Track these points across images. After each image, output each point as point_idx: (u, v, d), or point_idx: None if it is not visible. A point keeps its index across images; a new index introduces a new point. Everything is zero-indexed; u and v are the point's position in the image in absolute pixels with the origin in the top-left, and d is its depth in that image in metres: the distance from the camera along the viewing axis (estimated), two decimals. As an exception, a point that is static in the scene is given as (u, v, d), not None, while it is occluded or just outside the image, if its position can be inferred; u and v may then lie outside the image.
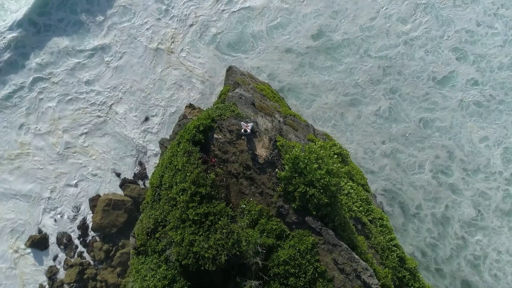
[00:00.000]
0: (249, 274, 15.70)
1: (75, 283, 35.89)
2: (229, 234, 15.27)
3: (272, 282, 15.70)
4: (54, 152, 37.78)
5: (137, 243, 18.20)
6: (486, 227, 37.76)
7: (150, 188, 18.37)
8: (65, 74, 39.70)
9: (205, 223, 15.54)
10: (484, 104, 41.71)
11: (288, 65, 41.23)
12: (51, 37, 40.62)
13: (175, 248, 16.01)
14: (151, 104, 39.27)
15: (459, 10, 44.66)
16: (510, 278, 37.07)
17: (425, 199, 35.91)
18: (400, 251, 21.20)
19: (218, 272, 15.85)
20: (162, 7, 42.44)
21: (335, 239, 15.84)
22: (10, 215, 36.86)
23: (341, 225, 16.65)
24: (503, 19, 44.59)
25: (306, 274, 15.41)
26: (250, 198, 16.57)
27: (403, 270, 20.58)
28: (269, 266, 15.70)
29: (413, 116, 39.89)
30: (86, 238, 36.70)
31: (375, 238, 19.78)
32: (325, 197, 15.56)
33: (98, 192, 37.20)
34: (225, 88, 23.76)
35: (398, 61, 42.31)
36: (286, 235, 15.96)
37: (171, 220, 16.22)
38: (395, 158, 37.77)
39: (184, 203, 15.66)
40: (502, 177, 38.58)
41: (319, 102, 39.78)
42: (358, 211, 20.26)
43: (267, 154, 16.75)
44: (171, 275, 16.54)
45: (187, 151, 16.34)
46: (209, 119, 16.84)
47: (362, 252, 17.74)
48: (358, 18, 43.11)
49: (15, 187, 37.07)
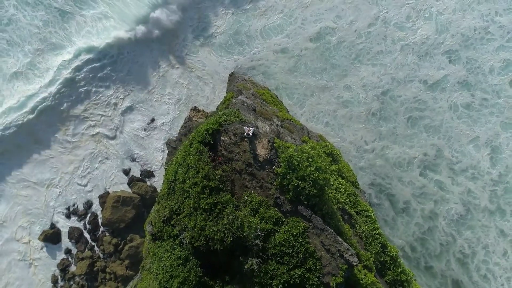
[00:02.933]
0: (251, 254, 19.45)
1: (85, 275, 39.67)
2: (234, 220, 19.06)
3: (270, 261, 19.45)
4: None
5: (154, 230, 22.03)
6: (473, 226, 41.43)
7: (166, 182, 22.20)
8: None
9: (214, 211, 19.36)
10: (474, 106, 45.51)
11: (284, 65, 45.13)
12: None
13: (188, 232, 19.84)
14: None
15: (457, 15, 48.40)
16: (499, 281, 40.47)
17: (413, 194, 39.82)
18: (382, 239, 24.99)
19: (224, 253, 19.63)
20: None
21: (323, 225, 19.66)
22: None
23: (328, 213, 20.50)
24: (497, 25, 48.36)
25: (298, 254, 19.18)
26: (251, 190, 20.38)
27: (385, 256, 24.37)
28: (267, 247, 19.46)
29: (403, 116, 43.77)
30: (96, 232, 40.34)
31: (360, 227, 23.59)
32: (314, 190, 19.39)
33: (107, 189, 41.14)
34: (229, 95, 27.52)
35: (392, 65, 46.23)
36: (281, 222, 19.75)
37: (185, 209, 20.04)
38: (384, 156, 41.68)
39: (196, 194, 19.47)
40: (489, 177, 42.31)
41: (312, 102, 43.64)
42: (345, 203, 24.10)
43: (266, 153, 20.57)
44: (184, 256, 20.34)
45: (198, 151, 20.18)
46: (217, 123, 20.70)
47: (347, 238, 21.56)
48: (357, 23, 47.03)
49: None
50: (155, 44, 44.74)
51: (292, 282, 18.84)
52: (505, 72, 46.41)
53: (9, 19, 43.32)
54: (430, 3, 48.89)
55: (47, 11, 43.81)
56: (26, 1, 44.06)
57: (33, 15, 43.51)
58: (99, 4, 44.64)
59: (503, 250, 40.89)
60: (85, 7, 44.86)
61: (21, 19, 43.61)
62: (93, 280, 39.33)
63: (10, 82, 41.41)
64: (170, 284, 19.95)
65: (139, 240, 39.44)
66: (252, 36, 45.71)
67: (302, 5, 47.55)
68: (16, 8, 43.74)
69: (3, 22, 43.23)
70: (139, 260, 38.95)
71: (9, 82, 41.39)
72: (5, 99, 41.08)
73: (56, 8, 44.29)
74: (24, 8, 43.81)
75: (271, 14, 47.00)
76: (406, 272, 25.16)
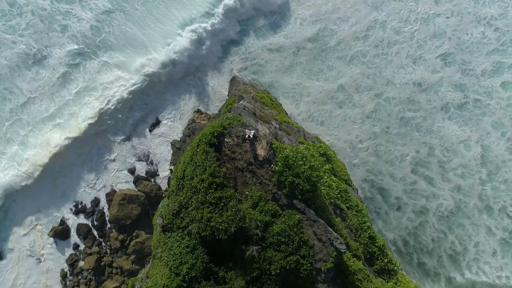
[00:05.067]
0: (251, 243, 22.64)
1: (93, 270, 42.66)
2: (237, 212, 22.27)
3: (268, 249, 22.63)
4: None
5: (164, 222, 25.24)
6: (463, 224, 44.64)
7: (175, 179, 25.39)
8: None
9: (219, 204, 22.57)
10: (466, 106, 48.66)
11: (280, 65, 48.54)
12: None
13: (196, 223, 23.05)
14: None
15: (454, 19, 51.63)
16: (491, 277, 43.46)
17: (405, 190, 43.26)
18: (371, 231, 28.16)
19: (228, 241, 22.83)
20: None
21: (315, 217, 22.88)
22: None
23: (320, 207, 23.71)
24: (492, 28, 51.48)
25: (293, 242, 22.35)
26: (252, 186, 23.57)
27: (373, 247, 27.55)
28: (266, 236, 22.64)
29: (396, 116, 47.17)
30: (103, 229, 43.39)
31: (350, 220, 26.78)
32: (307, 185, 22.60)
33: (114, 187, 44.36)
34: (231, 99, 30.71)
35: (387, 68, 49.49)
36: (279, 214, 22.94)
37: (193, 203, 23.25)
38: (378, 153, 45.16)
39: (203, 189, 22.68)
40: (478, 176, 45.57)
41: (308, 102, 47.06)
42: (337, 199, 27.29)
43: (265, 154, 23.77)
44: (192, 245, 23.53)
45: (205, 151, 23.40)
46: (222, 127, 23.92)
47: (338, 229, 24.78)
48: (357, 25, 50.43)
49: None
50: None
51: (288, 268, 22.03)
52: (497, 75, 49.56)
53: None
54: (429, 7, 52.09)
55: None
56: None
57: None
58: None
59: (493, 249, 44.06)
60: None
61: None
62: (101, 274, 42.29)
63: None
64: (180, 269, 23.14)
65: (145, 236, 42.57)
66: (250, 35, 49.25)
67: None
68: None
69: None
70: (145, 255, 42.19)
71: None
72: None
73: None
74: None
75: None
76: (393, 262, 28.35)
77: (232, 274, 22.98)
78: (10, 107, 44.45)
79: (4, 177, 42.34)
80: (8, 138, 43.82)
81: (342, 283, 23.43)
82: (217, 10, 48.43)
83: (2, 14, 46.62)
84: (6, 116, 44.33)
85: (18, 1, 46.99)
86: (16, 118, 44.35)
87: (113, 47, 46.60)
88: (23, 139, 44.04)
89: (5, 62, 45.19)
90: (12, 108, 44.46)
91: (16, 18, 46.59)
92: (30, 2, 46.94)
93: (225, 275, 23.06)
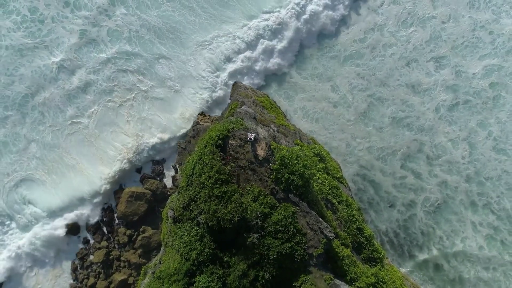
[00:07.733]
0: (252, 231, 26.95)
1: (102, 263, 46.55)
2: (240, 204, 26.61)
3: (267, 236, 26.91)
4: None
5: (175, 214, 29.60)
6: (450, 220, 49.12)
7: (184, 176, 29.75)
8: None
9: (224, 197, 26.91)
10: (456, 107, 53.10)
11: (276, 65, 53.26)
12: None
13: (204, 215, 27.41)
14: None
15: (451, 23, 56.15)
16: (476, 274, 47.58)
17: (394, 184, 48.05)
18: (359, 223, 32.54)
19: (232, 230, 27.17)
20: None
21: (308, 209, 27.25)
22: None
23: (313, 201, 28.10)
24: (487, 31, 55.87)
25: (289, 231, 26.60)
26: (253, 182, 27.91)
27: (360, 237, 31.93)
28: (265, 226, 26.93)
29: (389, 116, 51.76)
30: (112, 224, 47.47)
31: (340, 213, 31.17)
32: (301, 182, 26.97)
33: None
34: (234, 104, 35.06)
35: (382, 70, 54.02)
36: (276, 206, 27.24)
37: (201, 197, 27.61)
38: (371, 150, 49.87)
39: (210, 185, 27.03)
40: (465, 173, 49.98)
41: (306, 101, 51.77)
42: (328, 194, 31.69)
43: (264, 154, 28.16)
44: (200, 233, 27.84)
45: (212, 151, 27.79)
46: (226, 130, 28.32)
47: (328, 221, 29.17)
48: (356, 27, 55.25)
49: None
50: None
51: (284, 253, 26.29)
52: (487, 75, 53.91)
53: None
54: (427, 10, 56.54)
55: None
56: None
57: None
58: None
59: (478, 243, 48.49)
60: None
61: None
62: (109, 267, 45.97)
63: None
64: (190, 255, 27.52)
65: (151, 231, 46.77)
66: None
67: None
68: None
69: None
70: (151, 249, 46.40)
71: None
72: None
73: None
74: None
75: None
76: (378, 250, 32.70)
77: (235, 259, 27.32)
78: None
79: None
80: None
81: (332, 267, 27.75)
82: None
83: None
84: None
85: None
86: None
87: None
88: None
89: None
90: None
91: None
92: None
93: (229, 259, 27.42)
